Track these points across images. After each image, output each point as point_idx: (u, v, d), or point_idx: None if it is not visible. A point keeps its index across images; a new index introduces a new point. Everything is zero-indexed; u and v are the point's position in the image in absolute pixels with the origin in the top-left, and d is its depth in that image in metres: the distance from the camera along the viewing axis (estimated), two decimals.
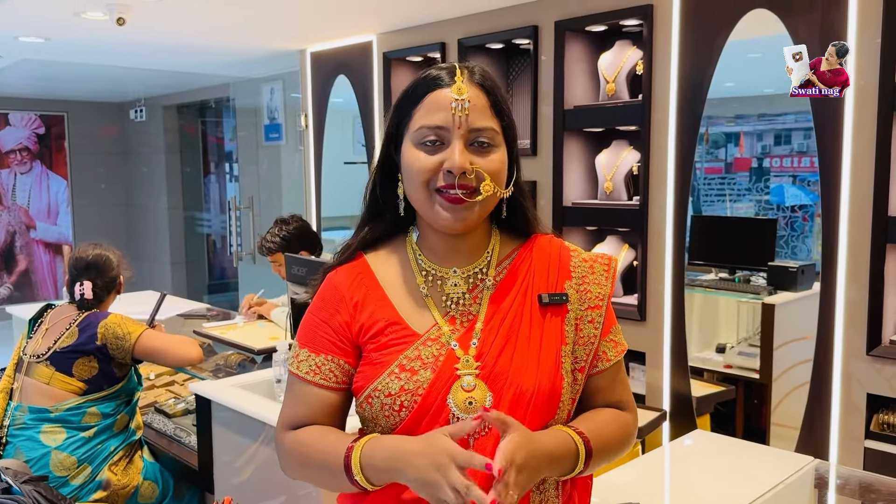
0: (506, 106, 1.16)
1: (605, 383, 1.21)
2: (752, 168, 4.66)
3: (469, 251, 1.19)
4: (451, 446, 1.00)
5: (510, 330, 1.14)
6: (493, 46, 3.55)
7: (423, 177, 1.11)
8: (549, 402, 1.11)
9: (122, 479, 2.59)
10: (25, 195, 7.17)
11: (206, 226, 7.50)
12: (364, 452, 1.07)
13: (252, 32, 4.15)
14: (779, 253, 3.51)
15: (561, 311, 1.17)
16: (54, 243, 7.34)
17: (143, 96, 6.99)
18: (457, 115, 1.10)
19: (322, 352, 1.17)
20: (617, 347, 1.21)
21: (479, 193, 1.10)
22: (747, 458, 1.99)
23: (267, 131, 5.78)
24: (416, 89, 1.15)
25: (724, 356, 3.33)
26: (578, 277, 1.19)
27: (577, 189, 3.33)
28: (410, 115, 1.14)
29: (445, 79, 1.12)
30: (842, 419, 2.53)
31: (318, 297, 1.22)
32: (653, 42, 2.92)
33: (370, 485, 1.08)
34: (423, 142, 1.12)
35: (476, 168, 1.10)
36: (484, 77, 1.15)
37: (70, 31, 3.93)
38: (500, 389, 1.11)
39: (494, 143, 1.12)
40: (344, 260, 1.23)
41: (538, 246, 1.22)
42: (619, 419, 1.20)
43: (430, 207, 1.12)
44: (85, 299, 2.70)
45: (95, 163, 7.49)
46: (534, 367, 1.12)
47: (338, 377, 1.17)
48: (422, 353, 1.12)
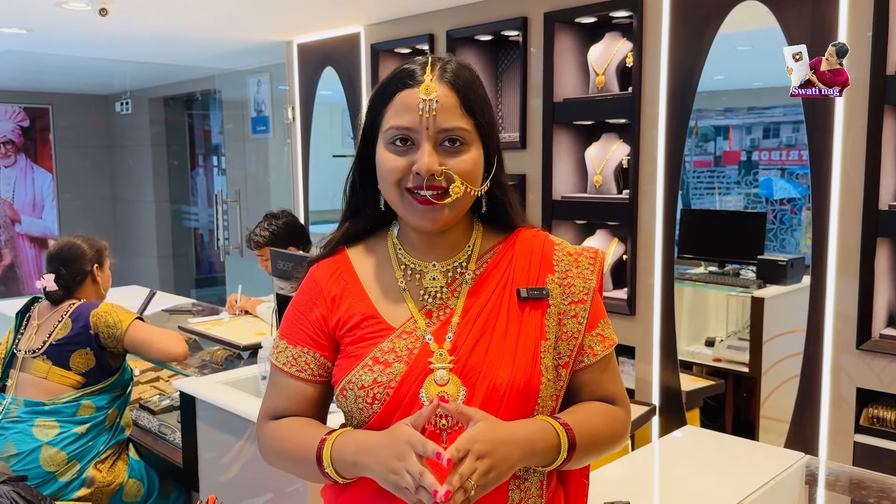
0: (480, 102, 1.12)
1: (592, 378, 1.18)
2: (741, 161, 4.66)
3: (449, 246, 1.18)
4: (412, 434, 1.00)
5: (486, 324, 1.12)
6: (482, 38, 3.52)
7: (393, 177, 1.10)
8: (524, 398, 1.09)
9: (108, 476, 2.57)
10: (10, 189, 7.10)
11: (193, 219, 7.45)
12: (334, 447, 1.08)
13: (238, 23, 4.11)
14: (767, 246, 3.50)
15: (541, 305, 1.14)
16: (39, 237, 7.26)
17: (129, 89, 6.90)
18: (424, 115, 1.07)
19: (299, 344, 1.18)
20: (604, 342, 1.18)
21: (449, 195, 1.08)
22: (738, 454, 1.99)
23: (254, 124, 5.73)
24: (387, 88, 1.13)
25: (714, 350, 3.33)
26: (562, 271, 1.18)
27: (567, 182, 3.31)
28: (382, 113, 1.12)
29: (417, 76, 1.10)
30: (831, 413, 2.53)
31: (299, 290, 1.22)
32: (643, 34, 2.89)
33: (341, 477, 1.09)
34: (392, 142, 1.10)
35: (445, 170, 1.08)
36: (456, 74, 1.11)
37: (52, 22, 3.88)
38: (474, 384, 1.09)
39: (466, 142, 1.10)
40: (327, 254, 1.22)
41: (521, 240, 1.20)
42: (607, 412, 1.18)
43: (402, 207, 1.12)
44: (48, 292, 2.65)
45: (81, 156, 7.41)
46: (509, 362, 1.10)
47: (313, 370, 1.17)
48: (396, 346, 1.11)
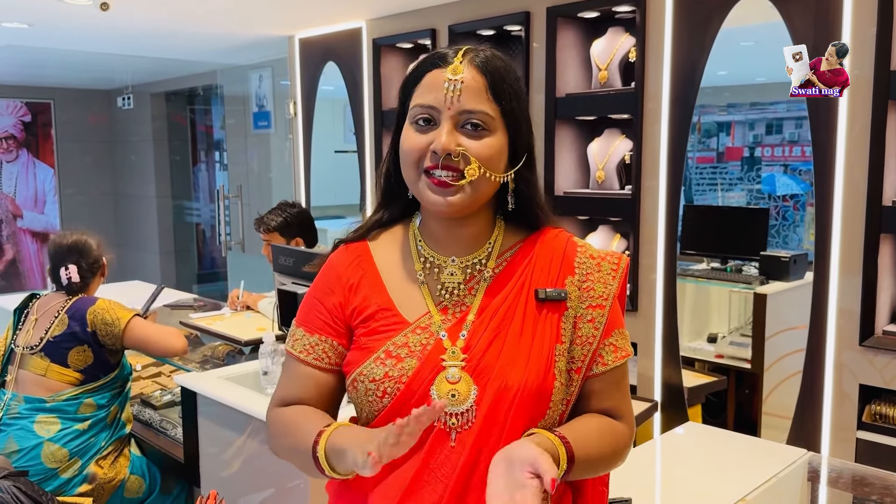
0: (510, 91, 1.10)
1: (600, 388, 1.14)
2: (744, 157, 4.65)
3: (469, 239, 1.15)
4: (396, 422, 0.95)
5: (501, 324, 1.10)
6: (484, 33, 3.51)
7: (412, 157, 1.09)
8: (537, 401, 1.07)
9: (109, 472, 2.56)
10: (12, 184, 7.09)
11: (195, 215, 7.44)
12: (330, 440, 1.05)
13: (239, 18, 4.10)
14: (770, 242, 3.49)
15: (559, 307, 1.12)
16: (41, 232, 7.26)
17: (131, 83, 6.90)
18: (448, 95, 1.07)
19: (316, 332, 1.16)
20: (617, 353, 1.14)
21: (465, 177, 1.07)
22: (740, 451, 1.98)
23: (255, 119, 5.72)
24: (419, 68, 1.13)
25: (716, 346, 3.33)
26: (582, 274, 1.14)
27: (569, 178, 3.30)
28: (411, 94, 1.12)
29: (448, 58, 1.10)
30: (834, 410, 2.52)
31: (318, 276, 1.20)
32: (646, 29, 2.88)
33: (336, 473, 1.05)
34: (415, 120, 1.10)
35: (463, 150, 1.07)
36: (487, 60, 1.10)
37: (54, 17, 3.87)
38: (485, 384, 1.07)
39: (489, 128, 1.09)
40: (354, 238, 1.21)
41: (543, 240, 1.17)
42: (609, 428, 1.13)
43: (419, 188, 1.10)
44: (73, 283, 2.66)
45: (82, 151, 7.40)
46: (522, 364, 1.08)
47: (331, 358, 1.15)
48: (409, 341, 1.10)
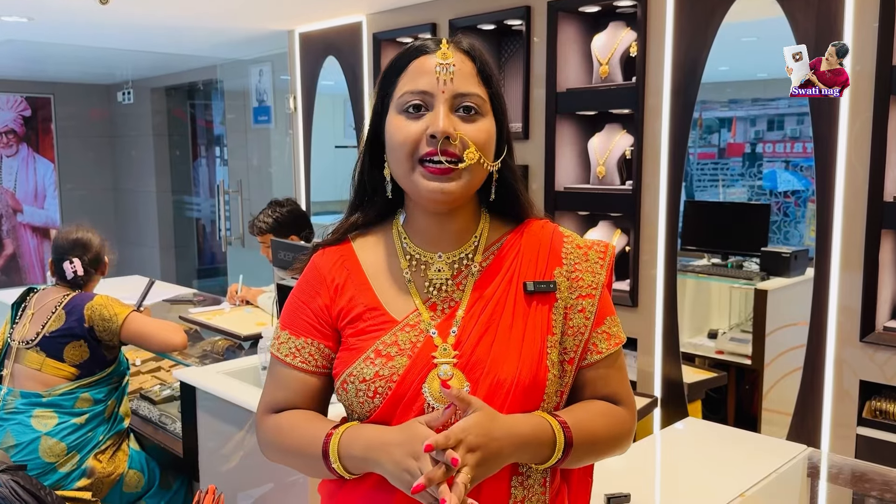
0: (494, 75, 1.11)
1: (596, 375, 1.14)
2: (745, 153, 4.63)
3: (456, 233, 1.14)
4: (428, 434, 0.96)
5: (491, 318, 1.09)
6: (485, 27, 3.50)
7: (406, 146, 1.06)
8: (530, 394, 1.06)
9: (108, 467, 2.56)
10: (12, 178, 7.08)
11: (195, 210, 7.43)
12: (342, 441, 1.05)
13: (240, 12, 4.09)
14: (771, 238, 3.48)
15: (548, 299, 1.11)
16: (41, 227, 7.25)
17: (131, 78, 6.89)
18: (441, 78, 1.06)
19: (302, 335, 1.14)
20: (610, 340, 1.14)
21: (463, 161, 1.05)
22: (740, 446, 1.97)
23: (256, 114, 5.70)
24: (401, 58, 1.11)
25: (716, 342, 3.32)
26: (570, 265, 1.14)
27: (570, 173, 3.29)
28: (395, 83, 1.10)
29: (431, 46, 1.10)
30: (834, 405, 2.52)
31: (301, 279, 1.19)
32: (647, 23, 2.87)
33: (348, 473, 1.05)
34: (406, 108, 1.08)
35: (460, 134, 1.05)
36: (472, 46, 1.12)
37: (54, 11, 3.86)
38: (478, 379, 1.06)
39: (481, 112, 1.08)
40: (331, 241, 1.19)
41: (529, 231, 1.16)
42: (610, 412, 1.13)
43: (413, 180, 1.07)
44: (78, 276, 2.66)
45: (83, 146, 7.39)
46: (514, 357, 1.07)
47: (318, 361, 1.14)
48: (399, 339, 1.08)
